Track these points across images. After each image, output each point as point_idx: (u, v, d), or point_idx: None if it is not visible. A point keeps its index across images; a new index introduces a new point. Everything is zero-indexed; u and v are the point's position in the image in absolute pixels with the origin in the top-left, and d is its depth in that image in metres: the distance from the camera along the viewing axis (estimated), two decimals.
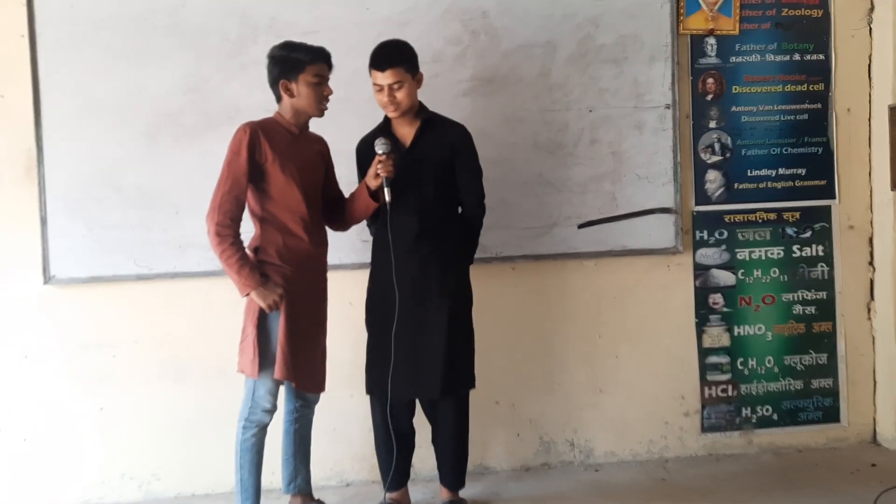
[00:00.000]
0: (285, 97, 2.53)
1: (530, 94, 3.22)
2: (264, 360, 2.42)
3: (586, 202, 3.25)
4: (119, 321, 3.10)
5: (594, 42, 3.24)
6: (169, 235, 3.05)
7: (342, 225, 2.77)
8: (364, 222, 2.87)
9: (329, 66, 2.57)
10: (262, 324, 2.44)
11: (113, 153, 3.04)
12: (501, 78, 3.20)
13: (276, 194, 2.50)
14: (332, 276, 2.79)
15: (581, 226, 3.26)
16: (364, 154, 2.72)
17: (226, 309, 2.84)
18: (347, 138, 2.81)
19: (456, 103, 3.11)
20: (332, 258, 2.85)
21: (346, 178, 2.85)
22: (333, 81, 2.62)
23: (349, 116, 2.94)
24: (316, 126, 2.70)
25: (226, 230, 2.41)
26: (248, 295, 2.44)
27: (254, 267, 2.43)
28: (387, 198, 2.56)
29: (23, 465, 3.09)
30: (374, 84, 2.61)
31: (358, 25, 3.10)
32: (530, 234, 3.23)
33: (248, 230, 2.58)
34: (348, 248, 3.09)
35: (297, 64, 2.49)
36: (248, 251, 2.49)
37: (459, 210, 2.81)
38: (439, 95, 3.02)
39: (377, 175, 2.56)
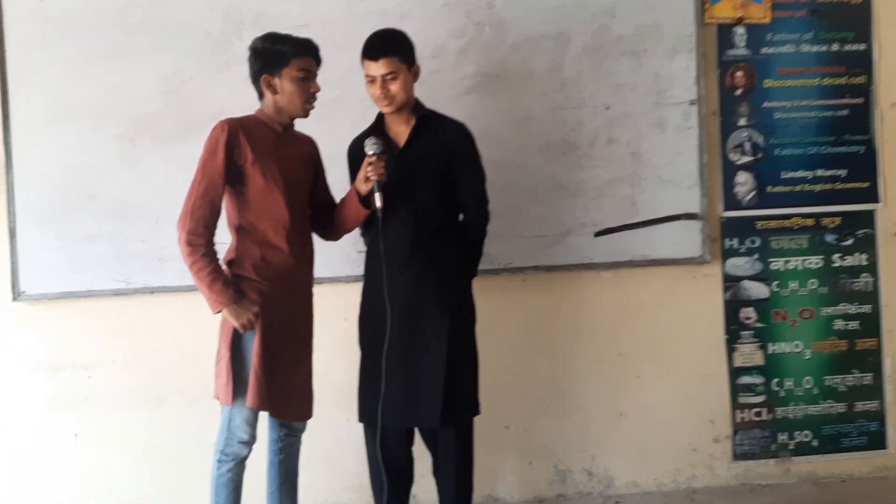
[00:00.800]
0: (267, 94, 2.30)
1: (540, 91, 2.97)
2: (239, 385, 2.17)
3: (603, 208, 3.00)
4: (94, 340, 2.89)
5: (610, 33, 2.99)
6: (148, 247, 2.84)
7: (332, 234, 2.53)
8: (358, 231, 2.62)
9: (317, 60, 2.34)
10: (236, 345, 2.20)
11: (87, 160, 2.84)
12: (509, 73, 2.96)
13: (256, 200, 2.26)
14: (325, 290, 2.57)
15: (598, 234, 3.01)
16: (356, 156, 2.48)
17: (210, 326, 2.52)
18: (340, 140, 2.56)
19: (459, 101, 2.89)
20: (325, 270, 2.63)
21: (340, 184, 2.59)
22: (326, 79, 2.40)
23: (342, 117, 2.73)
24: (306, 127, 2.46)
25: (198, 239, 2.17)
26: (220, 312, 2.19)
27: (227, 282, 2.19)
28: (378, 203, 2.31)
29: None
30: (366, 76, 2.38)
31: (352, 18, 2.88)
32: (542, 243, 2.99)
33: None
34: (343, 259, 2.86)
35: (280, 57, 2.25)
36: (222, 264, 2.24)
37: (461, 217, 2.55)
38: (441, 93, 2.79)
39: (367, 178, 2.31)
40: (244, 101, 2.40)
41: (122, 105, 2.83)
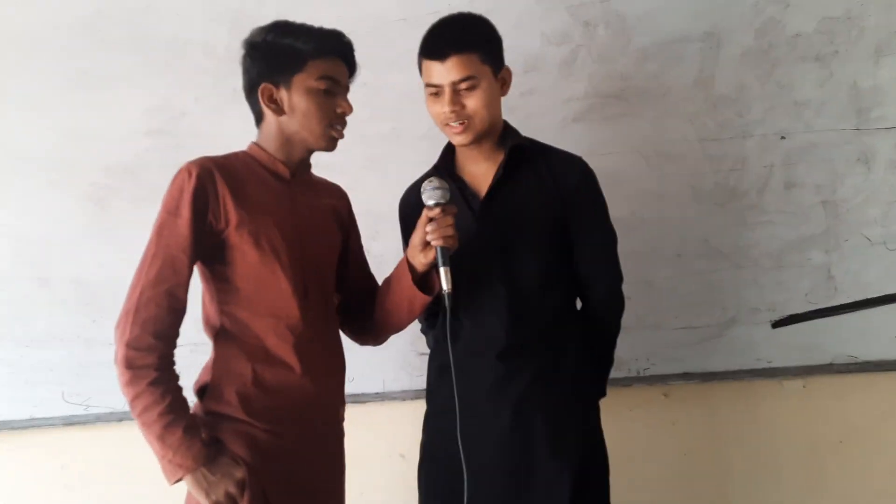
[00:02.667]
0: (268, 114, 1.46)
1: (682, 116, 2.08)
2: None
3: (784, 284, 2.07)
4: (38, 488, 2.09)
5: (783, 30, 2.08)
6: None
7: (373, 335, 1.63)
8: (417, 325, 1.75)
9: (349, 64, 1.50)
10: None
11: (39, 229, 2.08)
12: (634, 92, 2.09)
13: (247, 286, 1.40)
14: (368, 413, 1.89)
15: (777, 323, 2.08)
16: (411, 214, 1.58)
17: None
18: (388, 194, 1.74)
19: (563, 133, 2.05)
20: (369, 383, 1.94)
21: (389, 256, 1.72)
22: (373, 108, 1.71)
23: (393, 161, 2.03)
24: (338, 177, 1.64)
25: (143, 356, 1.30)
26: (180, 480, 1.28)
27: (192, 428, 1.31)
28: (444, 286, 1.41)
29: None
30: (428, 86, 1.53)
31: (408, 23, 2.05)
32: (692, 338, 2.08)
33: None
34: (398, 365, 2.06)
35: (291, 57, 1.43)
36: (189, 395, 1.36)
37: (578, 304, 1.65)
38: (537, 121, 1.98)
39: (426, 244, 1.40)
40: None
41: (91, 152, 2.06)
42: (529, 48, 2.06)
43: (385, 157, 2.05)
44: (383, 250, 1.82)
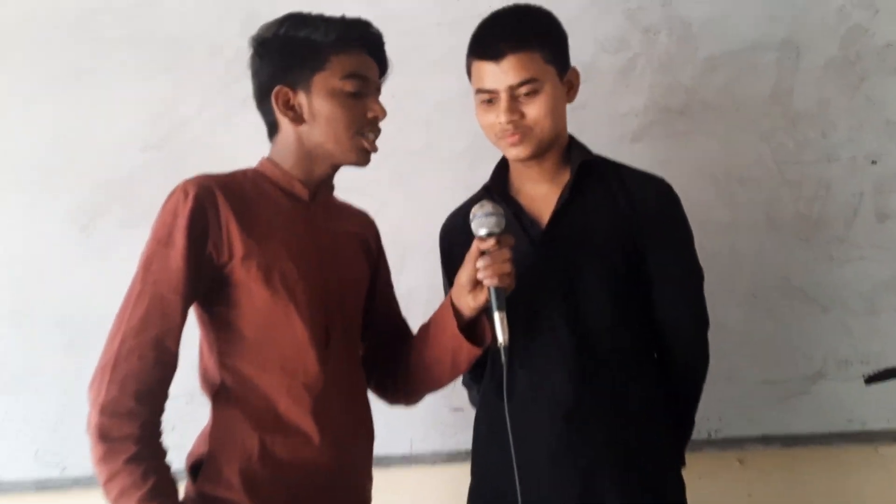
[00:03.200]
0: (285, 123, 1.21)
1: (756, 135, 1.82)
2: None
3: (879, 332, 1.77)
4: None
5: (871, 39, 1.82)
6: None
7: (405, 393, 1.35)
8: (460, 378, 1.47)
9: (379, 60, 1.25)
10: None
11: (14, 255, 1.83)
12: (701, 107, 1.84)
13: (254, 332, 1.13)
14: (396, 479, 1.63)
15: (871, 378, 1.79)
16: (456, 243, 1.32)
17: None
18: (417, 219, 1.64)
19: (620, 152, 1.73)
20: (394, 443, 1.70)
21: (419, 295, 1.52)
22: (403, 121, 1.43)
23: (424, 180, 1.81)
24: (349, 193, 1.36)
25: (121, 425, 1.03)
26: None
27: None
28: (499, 336, 1.14)
29: None
30: (480, 91, 1.28)
31: (447, 25, 1.83)
32: (770, 395, 1.77)
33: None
34: (428, 421, 1.78)
35: (309, 52, 1.18)
36: (178, 475, 1.08)
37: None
38: (589, 139, 1.67)
39: (476, 282, 1.15)
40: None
41: (78, 166, 1.84)
42: (581, 56, 1.76)
43: (415, 176, 1.80)
44: (412, 287, 1.56)
